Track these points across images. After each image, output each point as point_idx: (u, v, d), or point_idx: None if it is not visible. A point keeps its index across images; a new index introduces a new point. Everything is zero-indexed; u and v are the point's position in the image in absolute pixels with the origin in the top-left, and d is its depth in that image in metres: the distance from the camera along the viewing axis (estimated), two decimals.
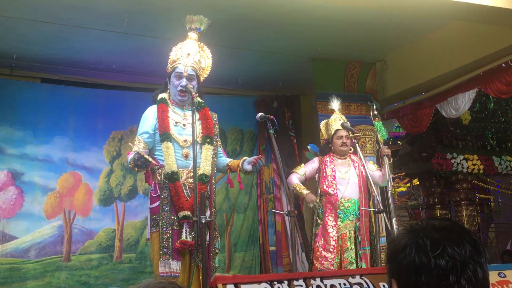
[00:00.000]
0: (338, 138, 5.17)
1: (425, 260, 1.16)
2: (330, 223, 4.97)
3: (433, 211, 8.94)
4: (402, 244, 1.21)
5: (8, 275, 6.16)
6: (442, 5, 4.90)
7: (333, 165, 5.16)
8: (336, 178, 5.10)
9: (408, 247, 1.19)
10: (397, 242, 1.24)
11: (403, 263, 1.19)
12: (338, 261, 4.90)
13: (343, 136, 5.15)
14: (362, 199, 5.08)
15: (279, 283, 3.22)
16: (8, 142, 6.45)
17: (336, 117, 5.30)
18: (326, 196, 5.07)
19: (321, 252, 4.89)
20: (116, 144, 7.01)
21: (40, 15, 5.35)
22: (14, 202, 6.37)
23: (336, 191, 5.04)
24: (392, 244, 1.27)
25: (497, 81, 5.98)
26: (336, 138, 5.18)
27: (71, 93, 6.81)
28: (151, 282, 1.41)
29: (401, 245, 1.22)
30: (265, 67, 7.05)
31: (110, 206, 6.88)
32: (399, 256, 1.21)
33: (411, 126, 7.35)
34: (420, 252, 1.17)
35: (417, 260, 1.17)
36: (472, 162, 8.56)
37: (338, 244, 4.94)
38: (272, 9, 5.40)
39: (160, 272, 3.66)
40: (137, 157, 3.60)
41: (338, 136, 5.17)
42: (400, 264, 1.20)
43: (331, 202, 5.05)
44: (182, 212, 3.73)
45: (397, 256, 1.21)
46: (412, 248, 1.18)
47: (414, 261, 1.17)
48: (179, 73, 3.97)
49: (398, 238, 1.25)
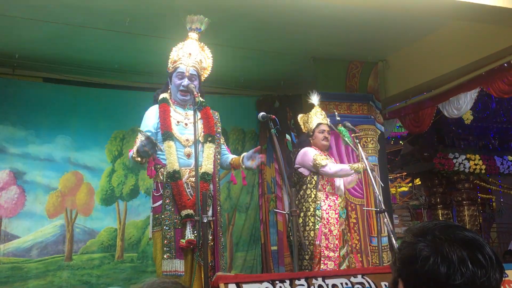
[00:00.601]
0: (321, 132, 5.09)
1: (444, 275, 1.16)
2: (332, 220, 4.89)
3: (435, 211, 8.94)
4: (424, 252, 1.21)
5: (10, 274, 6.17)
6: (444, 5, 4.89)
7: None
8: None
9: (431, 257, 1.19)
10: (415, 247, 1.23)
11: (419, 271, 1.19)
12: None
13: (325, 130, 5.09)
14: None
15: (281, 283, 3.21)
16: (10, 141, 6.45)
17: (317, 111, 5.23)
18: (326, 192, 4.96)
19: (324, 252, 4.80)
20: (118, 144, 7.01)
21: (42, 15, 5.35)
22: (16, 202, 6.38)
23: (335, 188, 5.00)
24: (408, 248, 1.25)
25: (499, 81, 5.97)
26: (318, 132, 5.09)
27: (73, 93, 6.82)
28: (154, 282, 1.41)
29: (420, 253, 1.21)
30: (267, 67, 7.05)
31: (112, 206, 6.89)
32: (417, 263, 1.20)
33: (413, 126, 7.35)
34: (444, 265, 1.17)
35: (436, 273, 1.17)
36: (474, 162, 8.56)
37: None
38: (274, 8, 5.40)
39: (164, 271, 3.67)
40: (144, 143, 3.58)
41: (321, 130, 5.09)
42: (415, 271, 1.20)
43: (332, 199, 4.96)
44: (184, 211, 3.75)
45: (414, 263, 1.21)
46: (437, 259, 1.18)
47: (433, 273, 1.17)
48: (181, 73, 3.98)
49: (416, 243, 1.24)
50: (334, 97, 6.74)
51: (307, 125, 5.23)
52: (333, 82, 6.89)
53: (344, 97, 6.86)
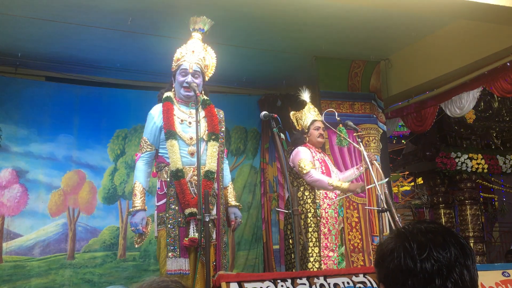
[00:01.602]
0: (316, 129, 5.03)
1: (411, 263, 1.16)
2: (331, 220, 4.84)
3: (437, 210, 8.92)
4: (389, 248, 1.22)
5: (12, 272, 6.18)
6: (446, 4, 4.89)
7: (320, 158, 5.00)
8: (330, 171, 4.97)
9: (395, 251, 1.20)
10: (384, 246, 1.25)
11: (390, 267, 1.20)
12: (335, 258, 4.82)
13: (320, 127, 5.04)
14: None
15: (282, 282, 3.22)
16: (12, 140, 6.46)
17: (310, 108, 5.19)
18: (322, 190, 4.88)
19: (323, 251, 4.77)
20: (120, 143, 7.02)
21: (45, 14, 5.36)
22: (19, 200, 6.39)
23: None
24: (379, 248, 1.27)
25: (501, 80, 5.96)
26: (314, 129, 5.04)
27: (76, 92, 6.82)
28: (154, 281, 1.41)
29: (388, 249, 1.22)
30: (269, 66, 7.05)
31: (114, 204, 6.89)
32: (387, 260, 1.21)
33: (415, 125, 7.34)
34: (407, 255, 1.17)
35: (403, 263, 1.17)
36: (476, 161, 8.53)
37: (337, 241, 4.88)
38: (277, 7, 5.40)
39: (168, 270, 3.67)
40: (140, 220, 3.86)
41: (316, 127, 5.04)
42: (388, 268, 1.20)
43: (329, 197, 4.89)
44: (188, 209, 3.75)
45: (385, 260, 1.22)
46: (400, 252, 1.19)
47: (401, 265, 1.18)
48: (185, 70, 3.98)
49: (386, 242, 1.26)
50: (336, 96, 6.75)
51: (300, 122, 5.16)
52: (335, 81, 6.89)
53: (346, 96, 6.86)
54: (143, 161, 3.99)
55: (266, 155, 7.67)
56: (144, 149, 3.99)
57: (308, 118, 5.10)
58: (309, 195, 4.87)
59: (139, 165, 3.99)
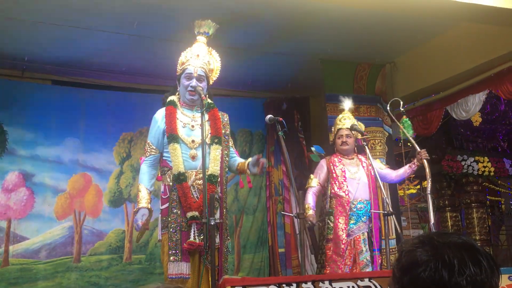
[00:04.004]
0: (339, 137, 5.13)
1: (447, 277, 1.18)
2: (341, 226, 4.86)
3: (443, 213, 8.88)
4: (423, 258, 1.23)
5: (19, 275, 6.21)
6: (452, 7, 4.87)
7: (342, 165, 5.05)
8: (346, 178, 5.00)
9: (431, 263, 1.21)
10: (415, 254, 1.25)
11: (422, 276, 1.21)
12: (350, 263, 4.81)
13: (343, 135, 5.11)
14: (372, 200, 5.02)
15: (287, 286, 3.21)
16: (19, 143, 6.50)
17: (342, 117, 5.23)
18: (337, 198, 4.94)
19: (332, 256, 4.81)
20: (126, 146, 7.04)
21: (51, 18, 5.39)
22: (25, 203, 6.42)
23: (348, 193, 4.93)
24: (408, 255, 1.27)
25: (508, 83, 5.94)
26: (337, 138, 5.15)
27: (82, 95, 6.85)
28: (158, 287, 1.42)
29: (422, 259, 1.23)
30: (274, 69, 7.05)
31: (120, 207, 6.91)
32: (418, 269, 1.22)
33: (421, 128, 7.32)
34: (445, 269, 1.19)
35: (438, 276, 1.19)
36: (482, 164, 8.50)
37: (351, 247, 4.87)
38: (282, 11, 5.41)
39: (169, 274, 3.67)
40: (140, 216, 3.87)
41: (339, 135, 5.14)
42: (417, 276, 1.21)
43: (342, 205, 4.91)
44: (190, 212, 3.75)
45: (415, 269, 1.23)
46: (438, 264, 1.20)
47: (435, 277, 1.20)
48: (189, 74, 3.99)
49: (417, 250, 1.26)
50: (342, 99, 6.73)
51: (333, 132, 5.32)
52: (340, 84, 6.87)
53: (352, 99, 6.83)
54: (147, 164, 4.01)
55: (271, 158, 7.67)
56: (149, 153, 4.00)
57: (336, 127, 5.23)
58: (325, 205, 5.10)
59: (143, 168, 4.01)
